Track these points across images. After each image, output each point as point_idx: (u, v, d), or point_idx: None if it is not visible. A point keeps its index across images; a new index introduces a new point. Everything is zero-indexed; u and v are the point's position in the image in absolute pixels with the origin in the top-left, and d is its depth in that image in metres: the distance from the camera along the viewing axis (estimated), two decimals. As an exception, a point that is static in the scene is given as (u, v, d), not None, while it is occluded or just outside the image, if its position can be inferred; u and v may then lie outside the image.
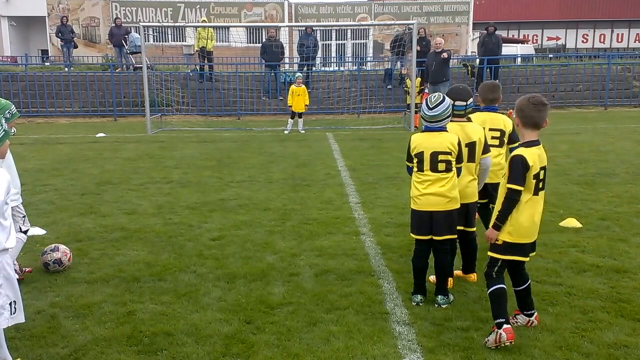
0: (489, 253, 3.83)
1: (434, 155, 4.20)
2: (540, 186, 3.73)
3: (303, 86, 15.34)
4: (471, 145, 4.54)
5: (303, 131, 15.17)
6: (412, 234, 4.43)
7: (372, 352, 3.67)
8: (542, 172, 3.71)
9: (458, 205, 4.33)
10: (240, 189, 8.42)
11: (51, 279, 4.98)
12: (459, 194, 4.37)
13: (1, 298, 3.15)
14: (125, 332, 3.98)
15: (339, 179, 9.06)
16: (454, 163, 4.26)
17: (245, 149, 12.33)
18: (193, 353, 3.69)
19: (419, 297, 4.41)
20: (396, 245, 5.75)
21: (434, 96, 4.25)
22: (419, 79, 15.57)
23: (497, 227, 3.74)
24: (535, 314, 3.99)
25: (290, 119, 15.34)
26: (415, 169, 4.33)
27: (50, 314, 4.28)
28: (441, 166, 4.21)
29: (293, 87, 15.23)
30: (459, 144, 4.28)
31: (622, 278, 4.83)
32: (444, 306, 4.31)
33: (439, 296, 4.38)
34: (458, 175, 4.37)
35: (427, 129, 4.29)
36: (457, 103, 4.52)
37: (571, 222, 6.31)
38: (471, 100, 4.62)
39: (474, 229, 4.78)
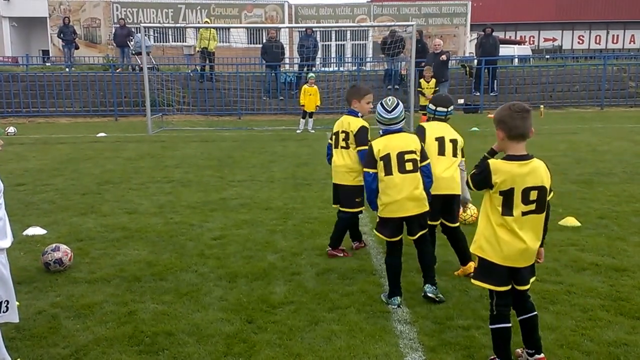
0: (471, 279, 3.56)
1: (400, 156, 4.27)
2: (528, 209, 3.22)
3: (315, 86, 15.36)
4: (454, 142, 4.85)
5: (313, 131, 15.18)
6: (383, 237, 4.42)
7: (373, 351, 3.68)
8: (532, 193, 3.21)
9: (428, 207, 4.39)
10: (242, 189, 8.43)
11: (52, 278, 4.98)
12: (448, 184, 4.71)
13: None
14: (126, 332, 3.99)
15: (340, 179, 9.05)
16: (419, 162, 4.34)
17: (246, 149, 12.35)
18: (194, 353, 3.70)
19: (399, 299, 4.39)
20: (397, 245, 5.75)
21: (389, 99, 4.41)
22: (434, 80, 15.30)
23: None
24: (537, 357, 3.42)
25: (302, 119, 15.37)
26: (382, 174, 4.30)
27: (51, 314, 4.28)
28: (408, 166, 4.27)
29: (305, 87, 15.27)
30: (443, 139, 4.73)
31: (621, 276, 4.85)
32: (430, 295, 4.35)
33: (427, 285, 4.41)
34: (429, 174, 4.42)
35: (387, 132, 4.38)
36: (439, 109, 4.94)
37: (570, 221, 6.33)
38: (452, 107, 5.00)
39: (457, 224, 4.96)
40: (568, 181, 8.43)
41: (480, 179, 3.33)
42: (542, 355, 3.45)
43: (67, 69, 22.08)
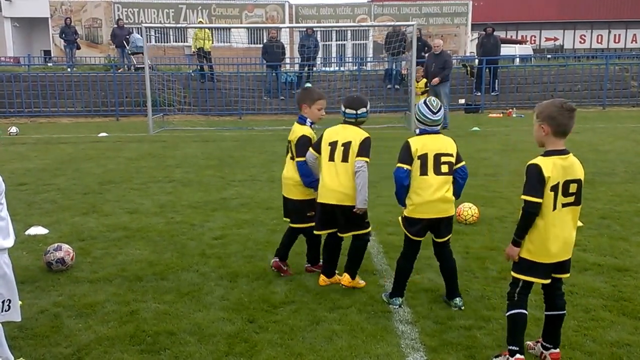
0: (511, 272, 3.55)
1: (437, 157, 4.15)
2: (568, 201, 3.37)
3: None
4: (347, 145, 4.53)
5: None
6: (408, 233, 4.32)
7: (375, 351, 3.68)
8: (572, 185, 3.36)
9: (454, 211, 4.33)
10: (242, 188, 8.43)
11: (54, 278, 4.99)
12: (344, 193, 4.51)
13: None
14: (128, 331, 3.99)
15: (341, 179, 9.05)
16: (454, 165, 4.23)
17: (247, 148, 12.35)
18: (196, 352, 3.70)
19: (401, 299, 4.37)
20: (398, 244, 5.68)
21: (434, 100, 4.25)
22: (424, 80, 15.50)
23: (516, 242, 3.44)
24: (553, 351, 3.54)
25: None
26: (417, 173, 4.16)
27: (54, 313, 4.29)
28: (444, 168, 4.16)
29: None
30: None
31: (624, 277, 4.84)
32: (462, 308, 4.24)
33: (457, 298, 4.30)
34: (465, 175, 4.29)
35: (426, 132, 4.24)
36: (348, 111, 4.59)
37: (572, 221, 6.31)
38: (363, 109, 4.60)
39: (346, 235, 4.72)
40: (569, 181, 8.41)
41: (536, 183, 3.31)
42: (558, 350, 3.53)
43: (68, 69, 22.11)
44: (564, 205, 3.37)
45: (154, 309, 4.35)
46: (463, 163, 4.30)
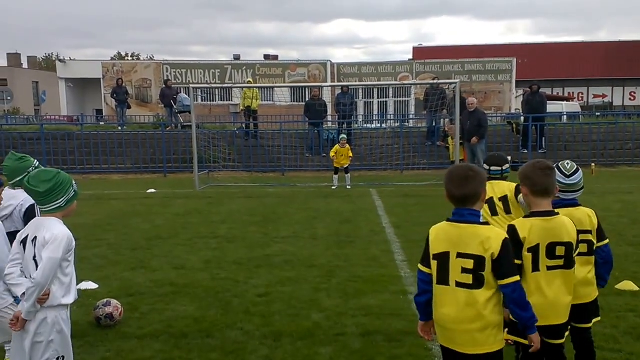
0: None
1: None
2: (555, 264, 3.28)
3: (347, 146, 15.63)
4: (504, 199, 4.90)
5: (349, 187, 15.29)
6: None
7: (423, 418, 3.57)
8: (558, 248, 3.26)
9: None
10: (285, 245, 8.47)
11: (102, 333, 5.07)
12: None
13: (50, 352, 3.24)
14: (174, 389, 4.00)
15: (384, 236, 9.02)
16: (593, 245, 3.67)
17: (290, 205, 12.45)
18: (241, 413, 3.67)
19: None
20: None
21: (567, 163, 3.77)
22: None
23: None
24: None
25: (334, 175, 15.55)
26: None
27: (102, 369, 4.35)
28: (582, 248, 3.57)
29: (338, 147, 15.52)
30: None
31: (686, 345, 4.59)
32: None
33: None
34: (605, 256, 3.70)
35: (561, 204, 3.64)
36: (493, 168, 5.04)
37: (628, 285, 6.08)
38: (507, 166, 5.09)
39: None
40: (624, 243, 8.13)
41: (513, 244, 3.16)
42: None
43: (119, 128, 23.05)
44: (549, 268, 3.32)
45: (199, 367, 4.36)
46: (605, 242, 3.72)
